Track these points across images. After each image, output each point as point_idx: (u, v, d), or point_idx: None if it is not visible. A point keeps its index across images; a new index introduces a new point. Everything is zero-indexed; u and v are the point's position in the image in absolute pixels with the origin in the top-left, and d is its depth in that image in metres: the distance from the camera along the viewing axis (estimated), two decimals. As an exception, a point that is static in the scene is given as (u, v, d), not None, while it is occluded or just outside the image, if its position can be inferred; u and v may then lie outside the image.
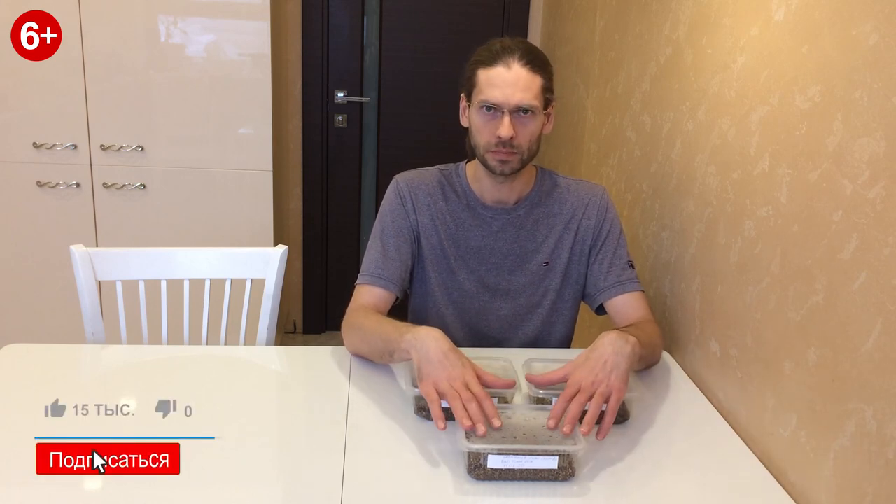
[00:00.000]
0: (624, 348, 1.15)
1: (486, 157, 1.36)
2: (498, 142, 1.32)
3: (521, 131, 1.32)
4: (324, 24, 3.00)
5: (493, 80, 1.31)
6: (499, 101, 1.31)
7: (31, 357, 1.38)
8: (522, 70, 1.30)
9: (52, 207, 2.52)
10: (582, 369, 1.13)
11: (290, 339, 3.28)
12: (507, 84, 1.30)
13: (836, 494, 0.97)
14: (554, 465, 1.03)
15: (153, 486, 1.00)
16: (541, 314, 1.50)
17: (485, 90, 1.32)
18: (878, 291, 0.90)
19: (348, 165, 3.17)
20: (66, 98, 2.43)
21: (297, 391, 1.34)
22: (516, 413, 1.12)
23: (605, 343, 1.16)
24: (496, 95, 1.31)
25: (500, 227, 1.46)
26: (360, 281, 1.42)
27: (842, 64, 0.99)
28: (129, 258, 1.62)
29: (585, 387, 1.10)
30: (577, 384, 1.11)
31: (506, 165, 1.35)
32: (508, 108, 1.30)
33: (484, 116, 1.33)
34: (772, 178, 1.16)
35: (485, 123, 1.34)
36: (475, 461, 1.03)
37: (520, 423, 1.09)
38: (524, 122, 1.32)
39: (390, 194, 1.48)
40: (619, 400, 1.11)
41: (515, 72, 1.30)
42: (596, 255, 1.46)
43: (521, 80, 1.30)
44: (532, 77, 1.31)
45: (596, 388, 1.10)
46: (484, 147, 1.35)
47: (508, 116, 1.30)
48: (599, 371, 1.12)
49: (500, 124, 1.31)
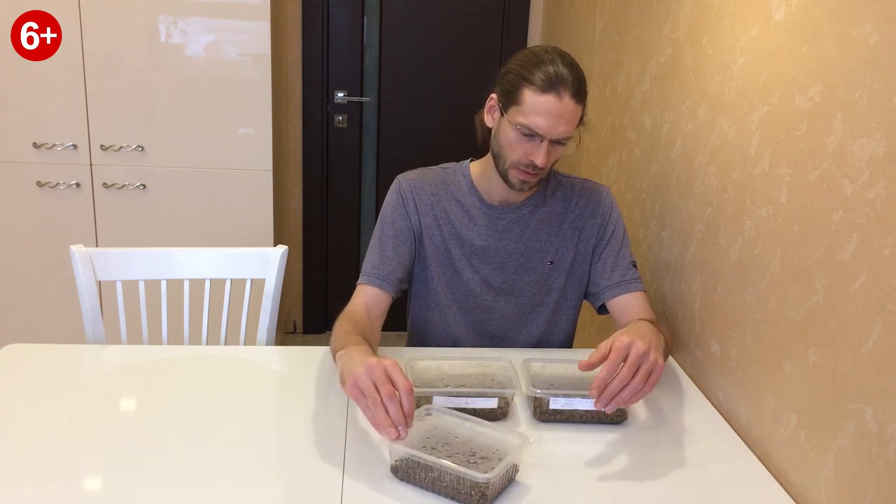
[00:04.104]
0: (660, 338, 1.18)
1: (510, 172, 1.35)
2: (529, 164, 1.31)
3: (552, 157, 1.32)
4: (324, 24, 3.00)
5: (541, 108, 1.26)
6: (542, 131, 1.27)
7: (31, 357, 1.38)
8: (570, 101, 1.27)
9: (52, 207, 2.52)
10: (627, 335, 1.09)
11: (290, 339, 3.28)
12: (554, 115, 1.26)
13: (836, 494, 0.97)
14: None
15: (153, 485, 1.00)
16: (544, 313, 1.50)
17: (530, 115, 1.27)
18: (878, 291, 0.90)
19: (348, 165, 3.17)
20: (66, 98, 2.43)
21: (297, 391, 1.34)
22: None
23: (645, 326, 1.16)
24: (541, 125, 1.27)
25: (504, 226, 1.46)
26: (359, 280, 1.43)
27: (842, 64, 0.99)
28: (129, 258, 1.62)
29: (633, 358, 1.06)
30: (624, 349, 1.07)
31: (526, 185, 1.36)
32: (549, 138, 1.28)
33: (520, 137, 1.30)
34: (772, 178, 1.16)
35: (519, 143, 1.31)
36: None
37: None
38: (557, 150, 1.32)
39: (392, 194, 1.48)
40: (658, 380, 1.09)
41: (565, 104, 1.26)
42: (600, 255, 1.46)
43: (568, 113, 1.27)
44: (577, 108, 1.29)
45: (642, 361, 1.07)
46: (511, 164, 1.34)
47: (547, 145, 1.29)
48: (649, 343, 1.08)
49: (535, 149, 1.29)
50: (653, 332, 1.16)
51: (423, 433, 1.05)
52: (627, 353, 1.07)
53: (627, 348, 1.07)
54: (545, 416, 1.19)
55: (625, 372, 1.06)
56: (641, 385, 1.07)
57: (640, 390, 1.07)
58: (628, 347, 1.07)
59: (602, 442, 1.15)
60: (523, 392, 1.24)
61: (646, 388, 1.07)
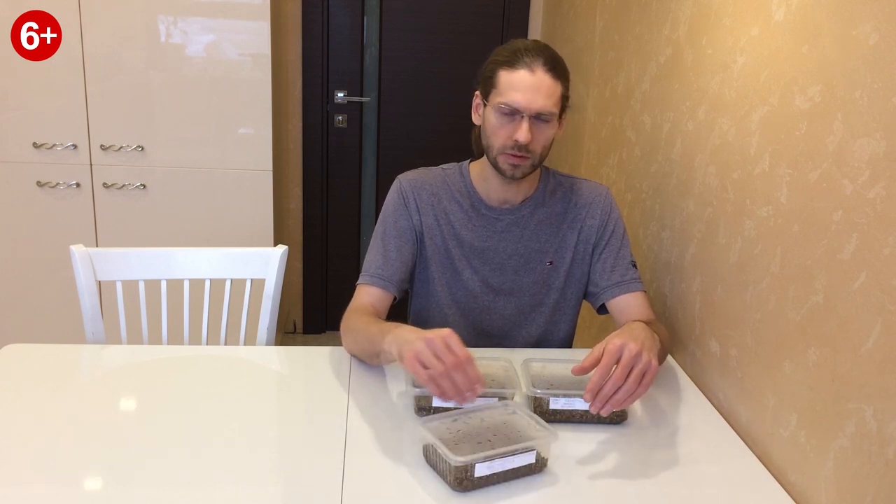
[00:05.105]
0: (655, 338, 1.16)
1: (499, 159, 1.35)
2: (514, 145, 1.31)
3: (538, 137, 1.32)
4: (324, 24, 3.00)
5: (516, 83, 1.29)
6: (520, 105, 1.29)
7: (31, 357, 1.38)
8: (546, 76, 1.28)
9: (52, 207, 2.52)
10: (620, 337, 1.09)
11: (290, 339, 3.28)
12: (529, 89, 1.28)
13: (836, 494, 0.97)
14: (533, 460, 1.03)
15: (153, 485, 1.00)
16: (544, 313, 1.50)
17: (506, 92, 1.30)
18: (878, 291, 0.90)
19: (348, 165, 3.17)
20: (66, 98, 2.43)
21: (297, 391, 1.34)
22: (473, 415, 1.11)
23: (638, 328, 1.16)
24: (518, 99, 1.28)
25: (504, 227, 1.46)
26: (360, 281, 1.43)
27: (842, 64, 0.99)
28: (129, 258, 1.62)
29: (626, 360, 1.06)
30: (617, 352, 1.06)
31: (517, 169, 1.35)
32: (529, 114, 1.29)
33: (502, 118, 1.32)
34: (772, 178, 1.16)
35: (502, 125, 1.32)
36: (461, 475, 0.99)
37: (486, 425, 1.08)
38: (541, 129, 1.31)
39: (393, 194, 1.48)
40: (652, 380, 1.09)
41: (539, 77, 1.28)
42: (599, 255, 1.46)
43: (545, 87, 1.28)
44: (554, 84, 1.30)
45: (635, 363, 1.06)
46: (498, 149, 1.34)
47: (528, 122, 1.29)
48: (641, 344, 1.08)
49: (518, 128, 1.30)
50: (646, 332, 1.15)
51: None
52: (620, 355, 1.07)
53: (620, 350, 1.07)
54: (545, 416, 1.19)
55: (618, 374, 1.06)
56: (635, 387, 1.06)
57: (633, 392, 1.06)
58: (620, 350, 1.07)
59: (602, 442, 1.15)
60: (523, 392, 1.24)
61: (640, 390, 1.07)
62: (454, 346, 1.05)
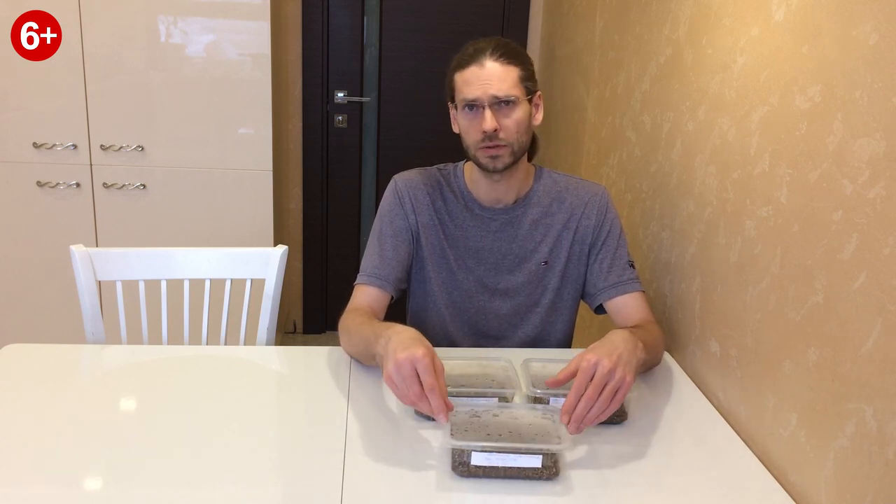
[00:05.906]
0: (636, 347, 1.14)
1: (477, 154, 1.37)
2: (484, 137, 1.34)
3: (505, 123, 1.34)
4: (324, 24, 3.00)
5: (469, 79, 1.34)
6: (476, 97, 1.32)
7: (31, 357, 1.38)
8: (495, 64, 1.33)
9: (52, 207, 2.52)
10: (595, 353, 1.08)
11: (290, 339, 3.28)
12: (481, 80, 1.32)
13: (836, 494, 0.97)
14: (538, 464, 1.03)
15: (153, 485, 1.00)
16: (539, 313, 1.50)
17: (462, 90, 1.35)
18: (878, 291, 0.90)
19: (348, 165, 3.17)
20: (66, 98, 2.43)
21: (297, 391, 1.34)
22: (503, 411, 1.12)
23: (617, 339, 1.13)
24: (473, 91, 1.33)
25: (498, 227, 1.46)
26: (358, 281, 1.43)
27: (842, 64, 0.99)
28: (129, 258, 1.62)
29: (599, 378, 1.05)
30: (590, 369, 1.06)
31: (497, 161, 1.36)
32: (487, 102, 1.32)
33: (467, 116, 1.36)
34: (772, 178, 1.16)
35: (469, 123, 1.36)
36: (459, 458, 1.03)
37: (506, 420, 1.09)
38: (506, 114, 1.34)
39: (389, 194, 1.48)
40: (625, 396, 1.08)
41: (488, 67, 1.33)
42: (596, 256, 1.46)
43: (495, 74, 1.32)
44: (506, 68, 1.33)
45: (608, 380, 1.05)
46: (473, 146, 1.37)
47: (489, 110, 1.32)
48: (616, 360, 1.07)
49: (482, 119, 1.33)
50: (626, 344, 1.12)
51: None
52: (594, 372, 1.06)
53: (594, 368, 1.06)
54: (545, 416, 1.19)
55: (590, 393, 1.05)
56: (606, 404, 1.06)
57: (605, 409, 1.06)
58: (594, 367, 1.06)
59: (602, 441, 1.15)
60: (523, 392, 1.24)
61: (612, 406, 1.06)
62: (421, 373, 1.03)
